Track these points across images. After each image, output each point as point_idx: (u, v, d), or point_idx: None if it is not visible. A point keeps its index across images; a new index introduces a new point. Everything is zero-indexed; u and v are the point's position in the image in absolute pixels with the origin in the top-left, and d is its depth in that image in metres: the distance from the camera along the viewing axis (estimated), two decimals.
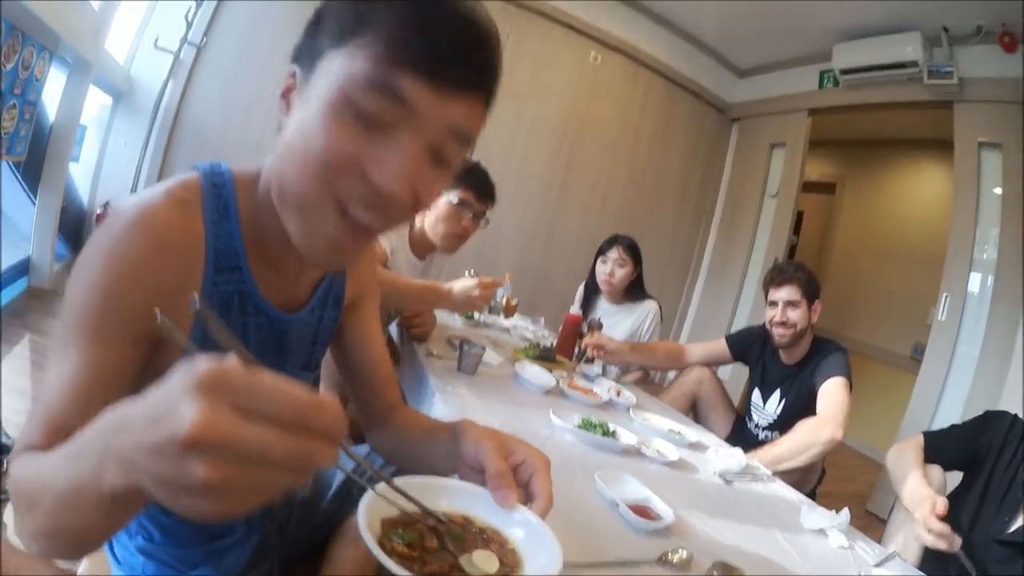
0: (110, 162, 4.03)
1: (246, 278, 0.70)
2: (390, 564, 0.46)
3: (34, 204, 3.18)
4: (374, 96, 0.54)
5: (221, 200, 0.67)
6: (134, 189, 3.79)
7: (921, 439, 1.67)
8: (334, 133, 0.55)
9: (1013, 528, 1.42)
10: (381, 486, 0.54)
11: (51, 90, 3.07)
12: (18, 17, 2.35)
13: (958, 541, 1.30)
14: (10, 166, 2.97)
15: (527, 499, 0.62)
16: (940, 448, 1.61)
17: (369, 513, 0.51)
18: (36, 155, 3.08)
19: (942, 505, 1.33)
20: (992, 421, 1.59)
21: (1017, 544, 1.38)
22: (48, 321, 2.82)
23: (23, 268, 3.12)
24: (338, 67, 0.56)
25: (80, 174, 3.91)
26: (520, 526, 0.58)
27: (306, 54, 0.61)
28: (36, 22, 2.44)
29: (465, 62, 0.56)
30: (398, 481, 0.56)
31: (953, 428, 1.67)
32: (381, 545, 0.48)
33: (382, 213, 0.59)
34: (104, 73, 3.54)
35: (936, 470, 1.57)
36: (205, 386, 0.31)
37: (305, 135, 0.57)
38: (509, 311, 2.66)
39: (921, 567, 1.41)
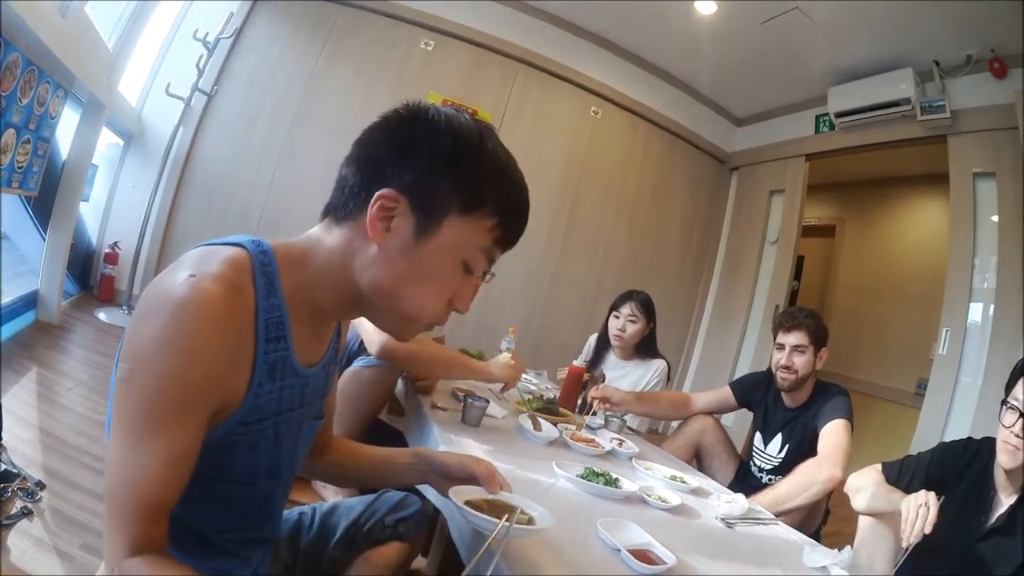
0: (119, 203, 4.09)
1: (289, 345, 0.79)
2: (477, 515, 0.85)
3: (43, 239, 3.22)
4: (485, 263, 0.81)
5: (268, 278, 0.75)
6: (143, 231, 3.84)
7: (880, 468, 1.67)
8: (453, 284, 0.81)
9: (992, 521, 1.42)
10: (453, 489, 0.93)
11: (64, 128, 3.13)
12: (34, 53, 2.39)
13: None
14: (22, 200, 3.02)
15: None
16: (899, 481, 1.61)
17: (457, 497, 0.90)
18: (48, 191, 3.12)
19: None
20: (948, 453, 1.60)
21: (1002, 528, 1.39)
22: (55, 356, 2.83)
23: (31, 301, 3.13)
24: (466, 237, 0.78)
25: (89, 213, 3.96)
26: (518, 502, 0.95)
27: (424, 199, 0.76)
28: (52, 59, 2.49)
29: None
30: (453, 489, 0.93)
31: (908, 459, 1.65)
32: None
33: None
34: (116, 114, 3.61)
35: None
36: None
37: (429, 276, 0.79)
38: None
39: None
